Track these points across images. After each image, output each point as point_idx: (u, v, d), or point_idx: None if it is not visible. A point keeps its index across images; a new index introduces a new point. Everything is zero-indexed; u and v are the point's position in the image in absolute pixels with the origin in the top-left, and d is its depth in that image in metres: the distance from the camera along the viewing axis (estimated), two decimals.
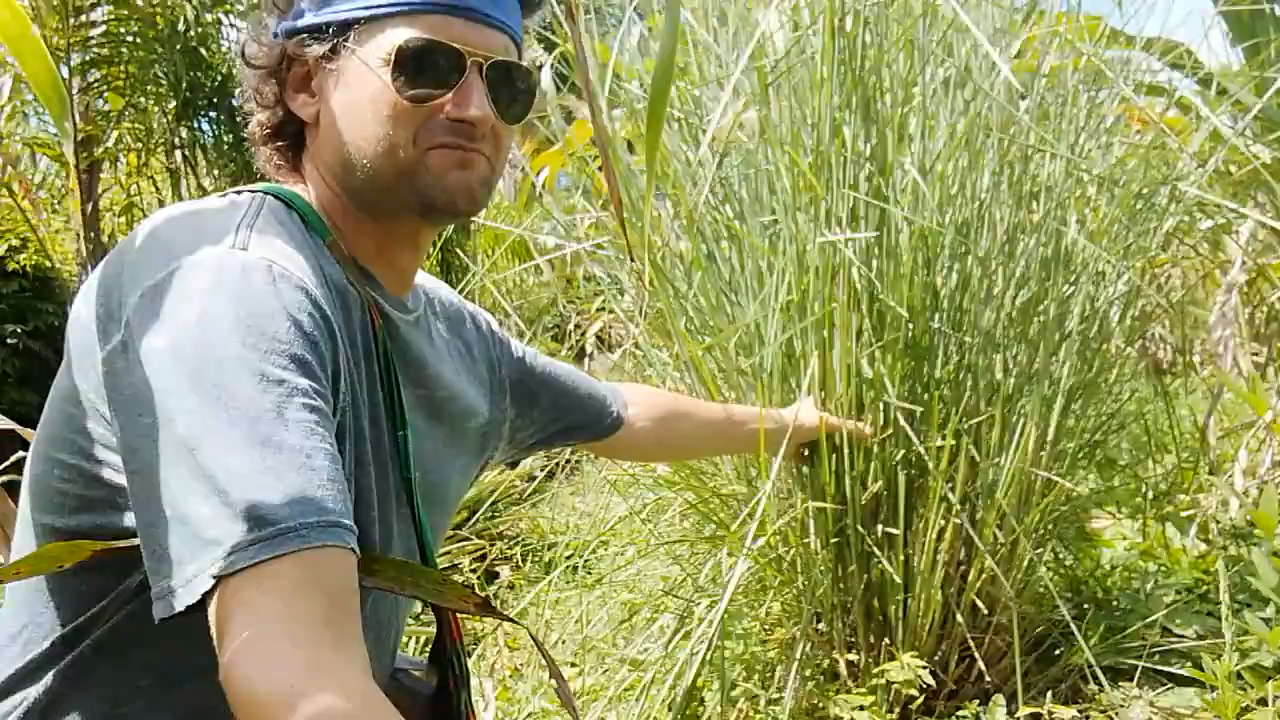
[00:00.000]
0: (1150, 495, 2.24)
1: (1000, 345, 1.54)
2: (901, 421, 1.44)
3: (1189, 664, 1.47)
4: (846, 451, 1.45)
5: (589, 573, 2.56)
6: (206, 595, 0.63)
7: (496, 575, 2.68)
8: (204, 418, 0.66)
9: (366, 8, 0.84)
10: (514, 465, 1.22)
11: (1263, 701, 1.35)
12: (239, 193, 0.86)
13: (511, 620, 0.97)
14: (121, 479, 0.73)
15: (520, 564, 2.71)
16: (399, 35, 0.82)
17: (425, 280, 1.01)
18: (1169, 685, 1.42)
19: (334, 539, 0.65)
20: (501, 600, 2.56)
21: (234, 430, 0.66)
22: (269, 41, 0.87)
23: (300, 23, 0.86)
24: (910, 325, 1.50)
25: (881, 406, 1.47)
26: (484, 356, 1.07)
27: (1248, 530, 2.03)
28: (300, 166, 0.90)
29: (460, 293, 1.13)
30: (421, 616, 2.07)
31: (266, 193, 0.85)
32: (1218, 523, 2.08)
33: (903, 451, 1.46)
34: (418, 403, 0.91)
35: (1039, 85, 1.62)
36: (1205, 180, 1.64)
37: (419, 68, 0.83)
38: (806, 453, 1.49)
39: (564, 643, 2.13)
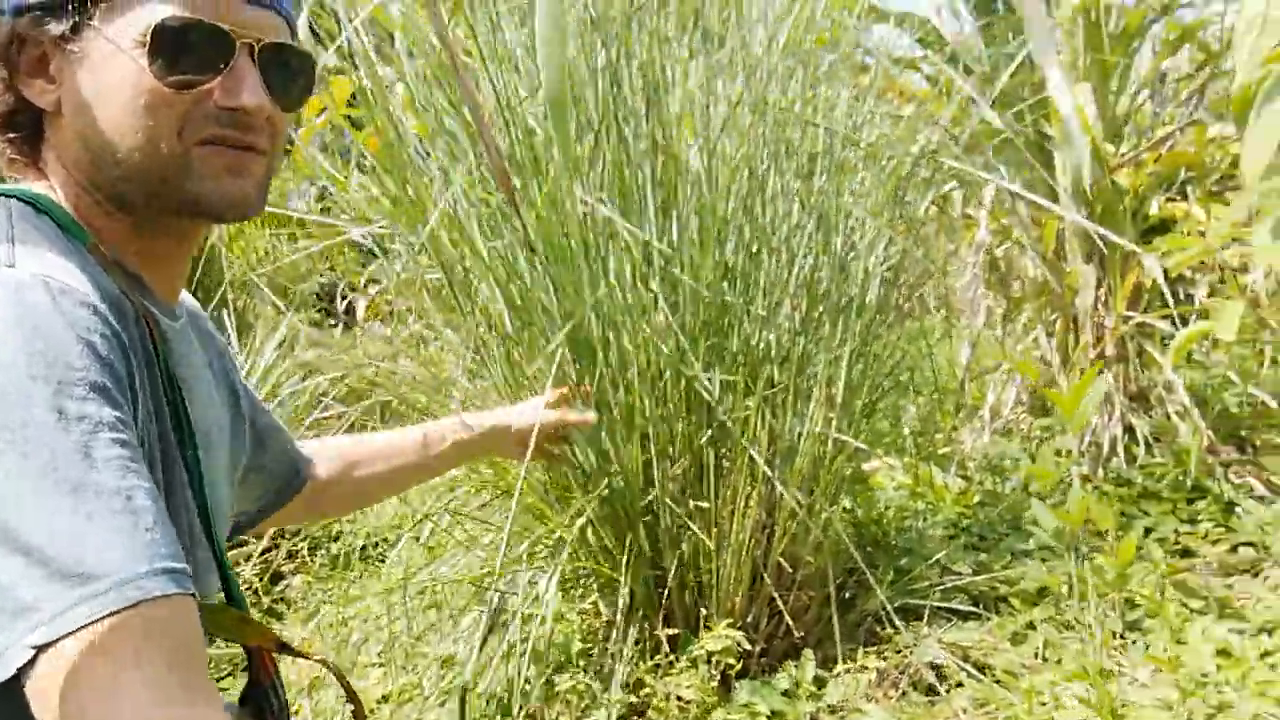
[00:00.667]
0: (914, 439, 2.44)
1: (788, 314, 1.60)
2: (705, 394, 1.47)
3: (967, 597, 1.61)
4: (652, 431, 1.47)
5: (381, 562, 2.47)
6: (24, 668, 0.54)
7: (281, 576, 2.53)
8: None
9: None
10: (233, 535, 1.11)
11: (1030, 625, 1.51)
12: None
13: (310, 658, 0.91)
14: None
15: (308, 560, 2.57)
16: (156, 12, 0.72)
17: None
18: (953, 621, 1.55)
19: (170, 586, 0.58)
20: (291, 602, 2.42)
21: (37, 479, 0.57)
22: None
23: None
24: (704, 299, 1.53)
25: (683, 381, 1.50)
26: (227, 380, 0.97)
27: (999, 464, 2.26)
28: (40, 160, 0.77)
29: (208, 261, 1.02)
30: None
31: (6, 194, 0.73)
32: (973, 460, 2.29)
33: (707, 425, 1.49)
34: (194, 407, 0.82)
35: (809, 60, 1.69)
36: (960, 150, 1.77)
37: (180, 49, 0.73)
38: (556, 451, 1.42)
39: (366, 642, 2.05)
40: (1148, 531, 1.79)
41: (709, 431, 1.48)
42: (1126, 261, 2.02)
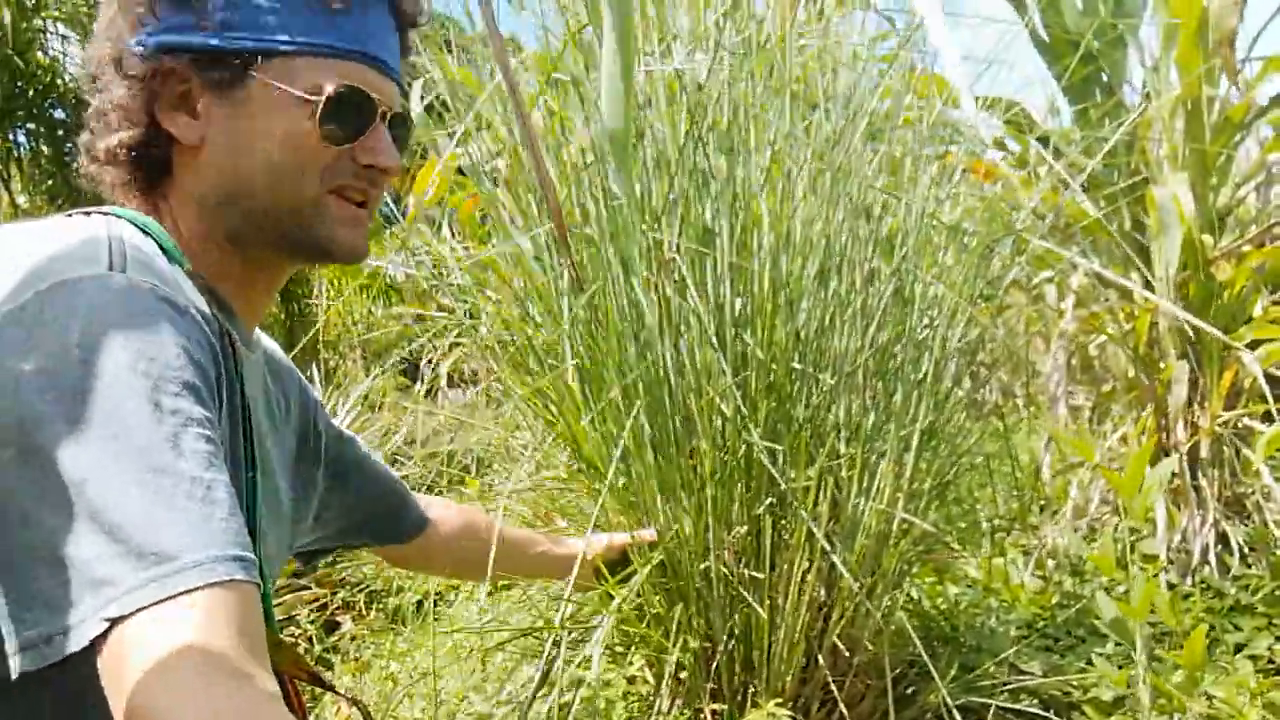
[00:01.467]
0: (990, 533, 2.34)
1: (859, 386, 1.56)
2: (765, 462, 1.43)
3: (1037, 701, 1.51)
4: (710, 496, 1.43)
5: (438, 620, 2.45)
6: (97, 640, 0.57)
7: (338, 625, 2.53)
8: (91, 450, 0.60)
9: (286, 42, 0.81)
10: (308, 561, 1.22)
11: None
12: (87, 214, 0.79)
13: (338, 693, 0.90)
14: None
15: (364, 612, 2.57)
16: (322, 76, 0.82)
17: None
18: None
19: (238, 572, 0.60)
20: (343, 653, 2.41)
21: (126, 462, 0.60)
22: (136, 52, 0.81)
23: (193, 41, 0.80)
24: (773, 366, 1.50)
25: (743, 447, 1.46)
26: (300, 419, 1.03)
27: (1080, 565, 2.14)
28: (155, 189, 0.85)
29: (303, 320, 1.11)
30: None
31: (117, 215, 0.79)
32: (1053, 559, 2.18)
33: (767, 494, 1.45)
34: (256, 436, 0.86)
35: (893, 136, 1.68)
36: (1046, 232, 1.73)
37: (341, 111, 0.83)
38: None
39: (410, 698, 2.02)
40: (1239, 648, 1.66)
41: (768, 500, 1.44)
42: (1224, 359, 1.92)
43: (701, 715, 1.42)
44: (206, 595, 0.58)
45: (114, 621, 0.57)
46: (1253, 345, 1.75)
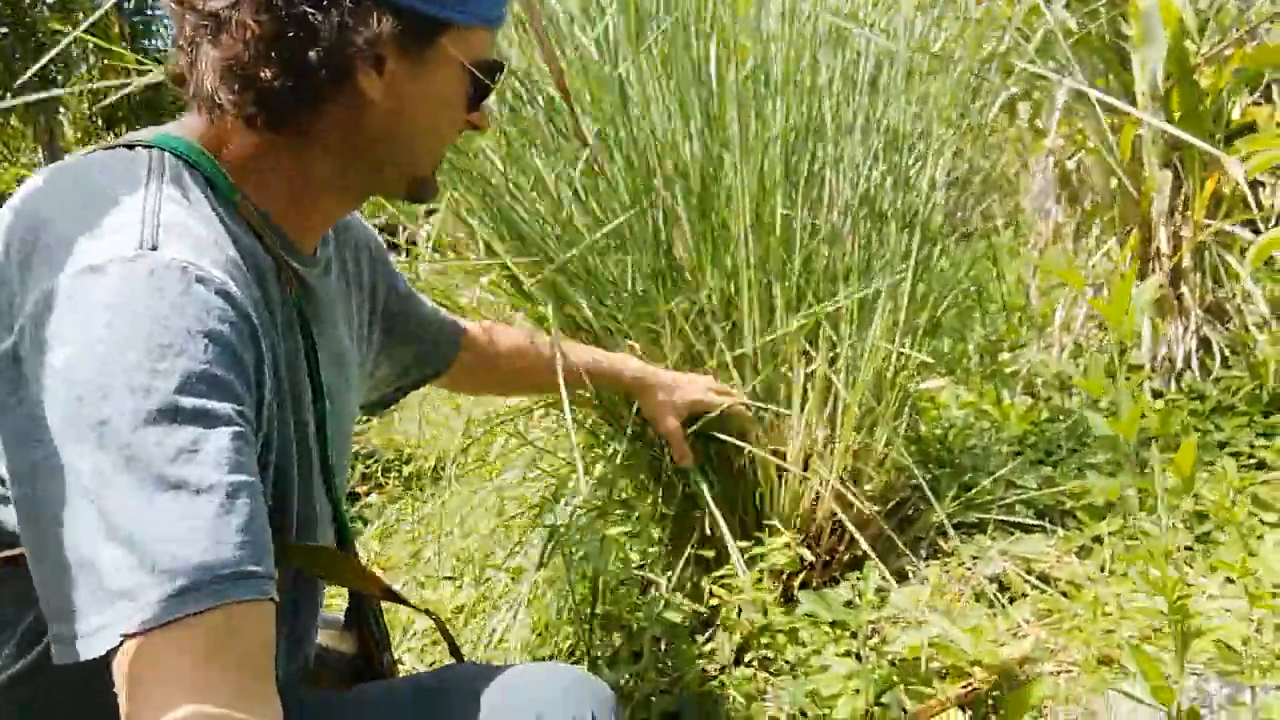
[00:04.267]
0: (979, 356, 2.41)
1: (853, 226, 1.58)
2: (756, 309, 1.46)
3: (1033, 512, 1.60)
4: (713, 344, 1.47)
5: (455, 481, 2.54)
6: (112, 650, 0.60)
7: (356, 497, 2.62)
8: (108, 460, 0.60)
9: (473, 15, 0.81)
10: (371, 412, 1.23)
11: (1097, 539, 1.50)
12: (130, 147, 0.75)
13: (414, 608, 0.95)
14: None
15: (382, 482, 2.65)
16: (485, 50, 0.84)
17: None
18: (1018, 534, 1.55)
19: (250, 591, 0.62)
20: (368, 520, 2.51)
21: (143, 472, 0.60)
22: None
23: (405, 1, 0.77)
24: (768, 209, 1.51)
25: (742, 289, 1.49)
26: (370, 286, 1.03)
27: (1068, 381, 2.22)
28: (274, 122, 0.78)
29: None
30: None
31: (160, 146, 0.75)
32: (1040, 377, 2.26)
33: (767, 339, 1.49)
34: (325, 357, 0.87)
35: None
36: (1032, 53, 1.71)
37: (488, 84, 0.85)
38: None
39: (439, 557, 2.12)
40: (1222, 445, 1.75)
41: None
42: (1206, 167, 1.94)
43: (720, 550, 1.51)
44: (215, 615, 0.60)
45: (127, 635, 0.59)
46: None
